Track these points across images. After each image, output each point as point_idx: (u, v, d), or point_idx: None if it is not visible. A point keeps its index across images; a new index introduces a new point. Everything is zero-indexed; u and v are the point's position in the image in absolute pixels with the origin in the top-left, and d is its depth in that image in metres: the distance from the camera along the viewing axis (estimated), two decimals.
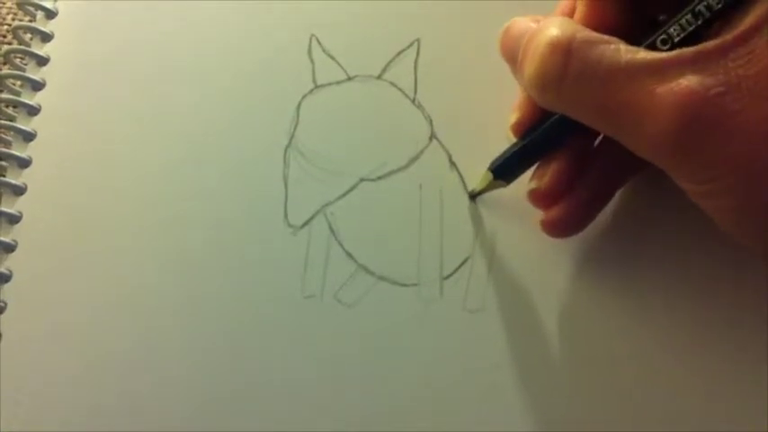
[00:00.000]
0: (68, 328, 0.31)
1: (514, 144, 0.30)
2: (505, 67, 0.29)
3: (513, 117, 0.30)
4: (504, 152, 0.30)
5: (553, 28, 0.25)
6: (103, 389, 0.30)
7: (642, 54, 0.23)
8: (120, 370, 0.30)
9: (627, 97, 0.23)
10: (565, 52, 0.25)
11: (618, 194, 0.31)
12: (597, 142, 0.30)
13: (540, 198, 0.30)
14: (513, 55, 0.27)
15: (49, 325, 0.31)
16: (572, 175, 0.29)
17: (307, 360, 0.30)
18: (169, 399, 0.30)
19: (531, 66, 0.26)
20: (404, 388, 0.30)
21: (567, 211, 0.30)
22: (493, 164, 0.30)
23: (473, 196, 0.32)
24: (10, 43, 0.38)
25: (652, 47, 0.24)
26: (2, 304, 0.31)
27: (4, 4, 0.41)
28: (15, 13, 0.40)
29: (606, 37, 0.24)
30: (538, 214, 0.30)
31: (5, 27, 0.40)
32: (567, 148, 0.29)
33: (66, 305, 0.31)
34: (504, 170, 0.30)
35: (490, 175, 0.30)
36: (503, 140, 0.31)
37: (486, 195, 0.32)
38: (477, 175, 0.32)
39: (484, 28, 0.34)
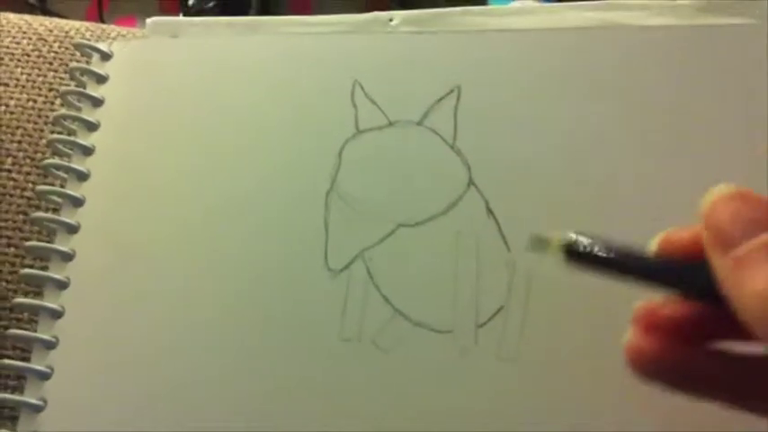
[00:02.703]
0: (118, 362, 0.32)
1: (636, 256, 0.25)
2: (544, 114, 0.31)
3: (674, 232, 0.25)
4: (612, 249, 0.24)
5: None
6: (143, 425, 0.31)
7: None
8: (162, 406, 0.31)
9: None
10: None
11: None
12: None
13: (649, 318, 0.25)
14: (726, 239, 0.23)
15: (100, 360, 0.32)
16: (712, 328, 0.24)
17: (343, 402, 0.31)
18: None
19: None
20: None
21: (676, 358, 0.24)
22: (576, 246, 0.24)
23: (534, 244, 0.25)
24: (67, 84, 0.40)
25: None
26: (53, 340, 0.32)
27: (63, 46, 0.43)
28: (73, 54, 0.42)
29: None
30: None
31: (62, 68, 0.42)
32: None
33: (116, 341, 0.32)
34: (586, 264, 0.24)
35: (561, 252, 0.24)
36: (539, 188, 0.32)
37: (522, 243, 0.32)
38: (517, 220, 0.32)
39: (524, 76, 0.35)
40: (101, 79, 0.37)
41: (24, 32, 0.43)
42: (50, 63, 0.42)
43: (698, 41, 0.35)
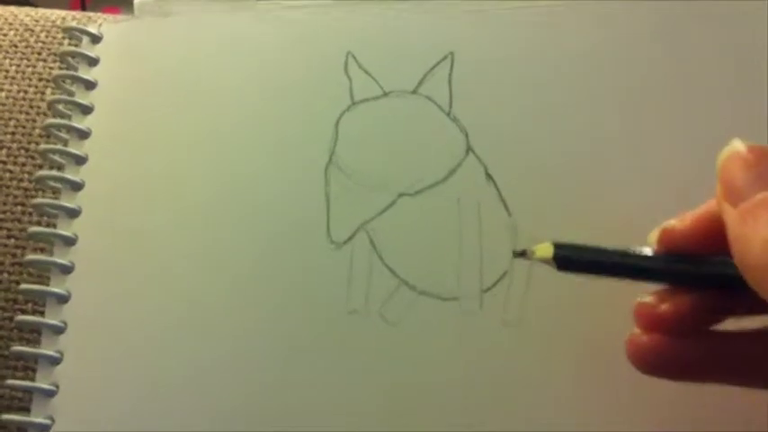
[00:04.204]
0: (127, 343, 0.32)
1: (635, 255, 0.25)
2: (538, 79, 0.32)
3: (672, 221, 0.25)
4: (603, 251, 0.26)
5: None
6: (155, 406, 0.31)
7: None
8: (173, 387, 0.31)
9: None
10: None
11: None
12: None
13: (647, 318, 0.25)
14: (736, 192, 0.23)
15: (109, 342, 0.32)
16: (706, 317, 0.25)
17: (352, 374, 0.31)
18: (213, 417, 0.31)
19: None
20: (445, 400, 0.31)
21: (675, 352, 0.25)
22: (562, 250, 0.26)
23: (517, 254, 0.27)
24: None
25: None
26: (62, 324, 0.32)
27: (51, 35, 0.42)
28: (61, 42, 0.42)
29: None
30: (574, 224, 0.31)
31: (51, 57, 0.42)
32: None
33: (124, 322, 0.32)
34: (577, 268, 0.26)
35: (551, 256, 0.26)
36: (536, 151, 0.33)
37: (522, 207, 0.33)
38: (516, 183, 0.33)
39: (517, 41, 0.35)
40: (92, 62, 0.37)
41: (11, 24, 0.43)
42: (39, 53, 0.42)
43: (686, 13, 0.35)
